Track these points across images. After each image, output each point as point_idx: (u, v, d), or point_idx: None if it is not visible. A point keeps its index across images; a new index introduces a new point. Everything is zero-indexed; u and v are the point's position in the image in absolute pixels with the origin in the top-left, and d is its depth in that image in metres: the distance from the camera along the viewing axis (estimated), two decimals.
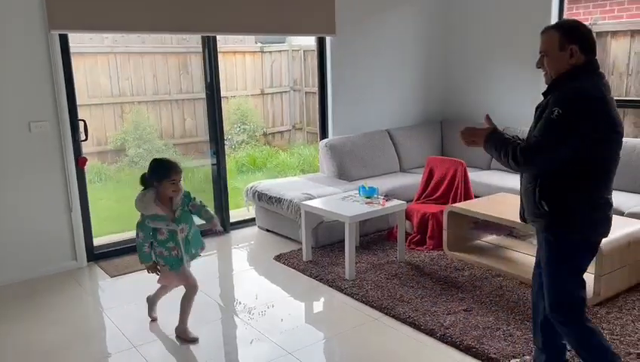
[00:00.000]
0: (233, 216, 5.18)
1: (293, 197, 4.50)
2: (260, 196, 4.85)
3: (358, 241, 4.50)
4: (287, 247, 4.54)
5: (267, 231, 5.02)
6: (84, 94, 6.41)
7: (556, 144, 2.09)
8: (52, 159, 3.99)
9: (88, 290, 3.88)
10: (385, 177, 5.23)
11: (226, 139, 5.30)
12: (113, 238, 4.66)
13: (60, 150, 4.01)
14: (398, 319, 3.25)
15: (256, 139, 8.51)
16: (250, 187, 5.03)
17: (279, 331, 3.19)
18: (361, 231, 4.62)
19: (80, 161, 4.15)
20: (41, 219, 4.00)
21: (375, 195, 4.20)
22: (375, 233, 4.77)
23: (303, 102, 8.78)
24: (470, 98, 5.91)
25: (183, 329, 3.12)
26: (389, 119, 5.78)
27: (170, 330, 3.18)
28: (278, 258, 4.31)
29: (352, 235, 3.82)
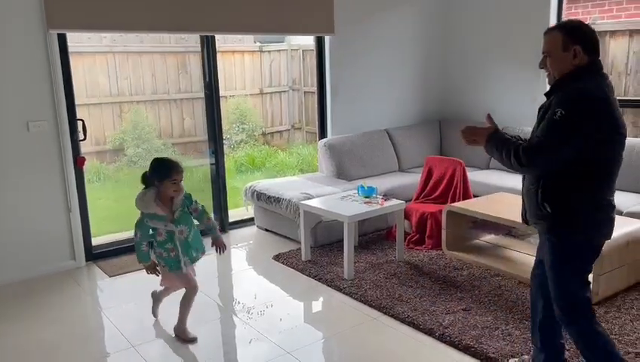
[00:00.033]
0: (232, 215, 5.18)
1: (292, 197, 4.50)
2: (259, 196, 4.84)
3: (356, 241, 4.50)
4: (286, 247, 4.53)
5: (266, 230, 5.02)
6: (83, 94, 6.40)
7: (559, 144, 2.08)
8: (50, 159, 3.98)
9: (87, 290, 3.88)
10: (384, 177, 5.23)
11: (224, 139, 5.30)
12: (112, 238, 4.66)
13: (59, 150, 4.00)
14: (397, 318, 3.25)
15: (255, 138, 8.49)
16: (249, 186, 5.03)
17: (278, 331, 3.19)
18: (359, 231, 4.62)
19: (78, 161, 4.14)
20: (39, 219, 3.99)
21: (374, 195, 4.20)
22: (374, 232, 4.76)
23: (302, 101, 8.77)
24: (469, 98, 5.91)
25: (182, 328, 3.11)
26: (387, 119, 5.78)
27: (169, 330, 3.18)
28: (277, 257, 4.31)
29: (350, 235, 3.82)
